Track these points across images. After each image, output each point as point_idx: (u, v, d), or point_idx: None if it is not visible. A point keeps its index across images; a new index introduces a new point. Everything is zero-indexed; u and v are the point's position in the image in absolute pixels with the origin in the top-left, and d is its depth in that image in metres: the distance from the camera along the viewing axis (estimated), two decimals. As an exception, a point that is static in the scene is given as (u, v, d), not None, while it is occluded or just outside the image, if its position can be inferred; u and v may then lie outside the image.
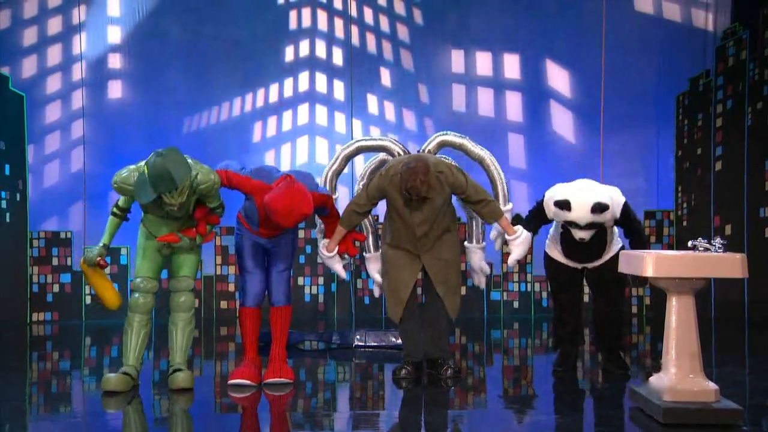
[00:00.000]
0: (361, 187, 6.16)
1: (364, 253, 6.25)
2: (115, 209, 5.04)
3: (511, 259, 5.46)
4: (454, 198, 5.39)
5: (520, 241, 5.37)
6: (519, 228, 5.40)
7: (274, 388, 5.08)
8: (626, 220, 5.36)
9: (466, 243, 6.14)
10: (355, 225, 5.44)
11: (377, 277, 5.82)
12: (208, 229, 5.07)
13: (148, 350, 5.68)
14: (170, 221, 4.96)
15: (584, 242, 5.32)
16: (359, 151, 6.33)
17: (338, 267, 5.56)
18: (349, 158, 6.28)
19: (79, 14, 8.74)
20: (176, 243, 4.96)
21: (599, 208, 5.18)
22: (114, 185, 4.78)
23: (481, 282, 6.06)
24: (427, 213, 5.16)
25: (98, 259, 5.00)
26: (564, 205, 5.24)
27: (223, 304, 8.90)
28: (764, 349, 6.99)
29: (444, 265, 5.30)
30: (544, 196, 5.44)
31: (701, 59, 9.07)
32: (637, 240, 5.43)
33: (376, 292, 6.00)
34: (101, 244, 5.02)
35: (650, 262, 4.15)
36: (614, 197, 5.29)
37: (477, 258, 6.02)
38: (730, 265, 4.13)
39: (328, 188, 6.05)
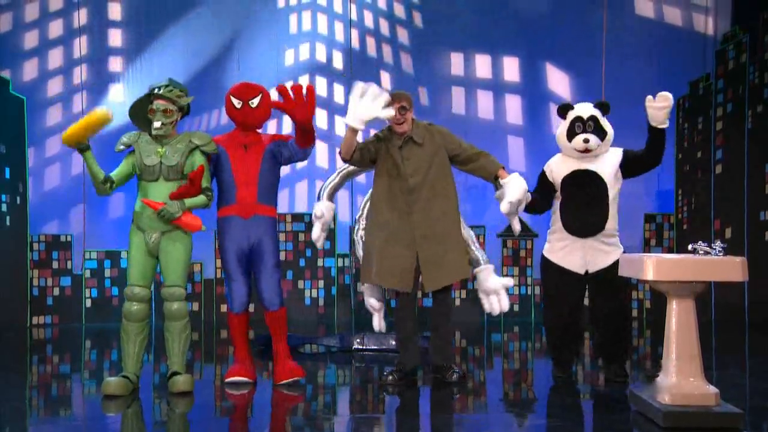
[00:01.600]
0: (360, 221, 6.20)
1: (360, 285, 6.18)
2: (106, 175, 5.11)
3: (504, 203, 5.06)
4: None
5: (515, 182, 5.08)
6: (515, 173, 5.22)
7: (278, 390, 5.09)
8: (632, 153, 5.47)
9: (474, 270, 5.73)
10: (351, 151, 5.13)
11: (375, 305, 5.83)
12: (187, 202, 4.93)
13: (147, 353, 5.68)
14: (161, 186, 4.97)
15: (586, 193, 5.26)
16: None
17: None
18: (349, 175, 6.18)
19: (79, 17, 8.75)
20: (155, 210, 4.89)
21: (601, 104, 5.41)
22: (117, 146, 5.31)
23: (502, 302, 5.63)
24: (418, 162, 5.15)
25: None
26: (566, 108, 5.44)
27: (223, 308, 8.89)
28: (764, 350, 6.99)
29: (434, 222, 5.14)
30: (543, 169, 5.47)
31: (701, 63, 9.08)
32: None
33: (376, 325, 5.94)
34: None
35: (650, 266, 4.15)
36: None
37: (491, 277, 5.69)
38: (731, 268, 4.12)
39: (324, 195, 6.00)
